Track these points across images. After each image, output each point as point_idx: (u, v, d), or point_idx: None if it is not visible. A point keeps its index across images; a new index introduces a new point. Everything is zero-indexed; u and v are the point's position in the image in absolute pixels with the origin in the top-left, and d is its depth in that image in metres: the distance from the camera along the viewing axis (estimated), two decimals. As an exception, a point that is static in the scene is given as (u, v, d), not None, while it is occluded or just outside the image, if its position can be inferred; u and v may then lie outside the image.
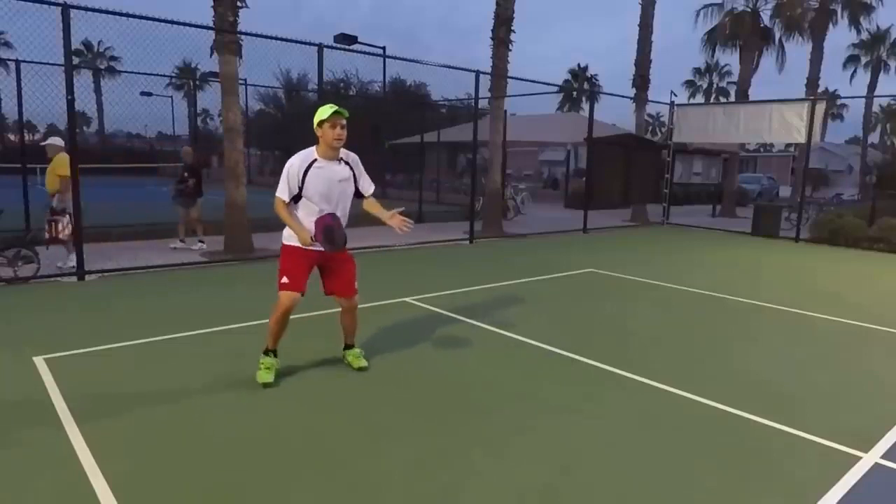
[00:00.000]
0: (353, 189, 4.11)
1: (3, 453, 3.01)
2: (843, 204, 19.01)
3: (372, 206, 4.32)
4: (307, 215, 3.93)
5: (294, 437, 3.30)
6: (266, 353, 4.09)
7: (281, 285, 3.95)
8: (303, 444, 3.22)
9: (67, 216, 7.14)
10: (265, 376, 3.97)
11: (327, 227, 3.85)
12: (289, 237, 4.00)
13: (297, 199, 3.92)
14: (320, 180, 3.88)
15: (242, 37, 9.00)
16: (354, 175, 4.09)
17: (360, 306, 4.61)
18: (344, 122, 3.83)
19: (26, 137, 13.00)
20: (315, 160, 3.87)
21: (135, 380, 4.03)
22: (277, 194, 3.89)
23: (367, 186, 4.24)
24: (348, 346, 4.53)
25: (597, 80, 44.80)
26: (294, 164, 3.85)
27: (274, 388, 3.96)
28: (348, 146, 4.06)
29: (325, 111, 3.79)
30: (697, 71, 45.17)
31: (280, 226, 4.04)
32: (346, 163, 4.03)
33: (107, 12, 6.93)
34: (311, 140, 3.98)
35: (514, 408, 3.78)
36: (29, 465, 2.92)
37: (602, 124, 20.17)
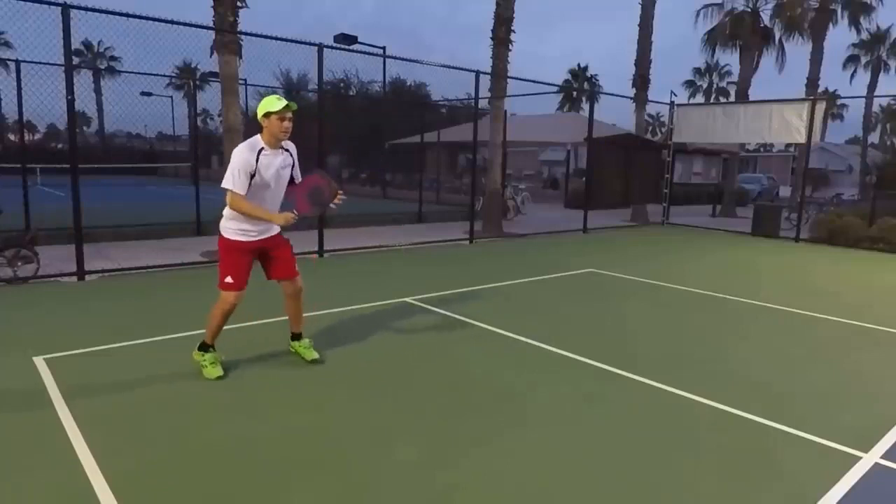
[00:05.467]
0: (289, 176, 4.14)
1: (2, 453, 3.01)
2: (843, 204, 18.99)
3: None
4: (259, 202, 3.93)
5: (294, 436, 3.30)
6: (204, 348, 4.12)
7: (225, 285, 3.98)
8: (303, 443, 3.22)
9: None
10: (214, 371, 4.01)
11: (316, 189, 3.93)
12: (230, 229, 3.98)
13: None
14: (269, 168, 3.92)
15: (242, 37, 9.00)
16: (294, 163, 4.15)
17: (359, 306, 4.62)
18: (291, 115, 3.89)
19: (26, 137, 12.97)
20: (262, 148, 3.89)
21: (135, 380, 4.03)
22: (233, 188, 3.81)
23: (298, 175, 4.23)
24: (295, 336, 4.52)
25: (597, 80, 44.79)
26: (244, 153, 3.83)
27: (274, 388, 3.96)
28: (348, 146, 4.09)
29: (274, 103, 3.82)
30: (697, 71, 45.20)
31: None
32: (286, 150, 4.07)
33: (107, 12, 6.93)
34: (310, 139, 4.00)
35: (514, 408, 3.78)
36: (29, 465, 2.92)
37: (602, 124, 20.16)
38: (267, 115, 3.85)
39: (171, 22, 7.56)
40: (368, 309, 6.11)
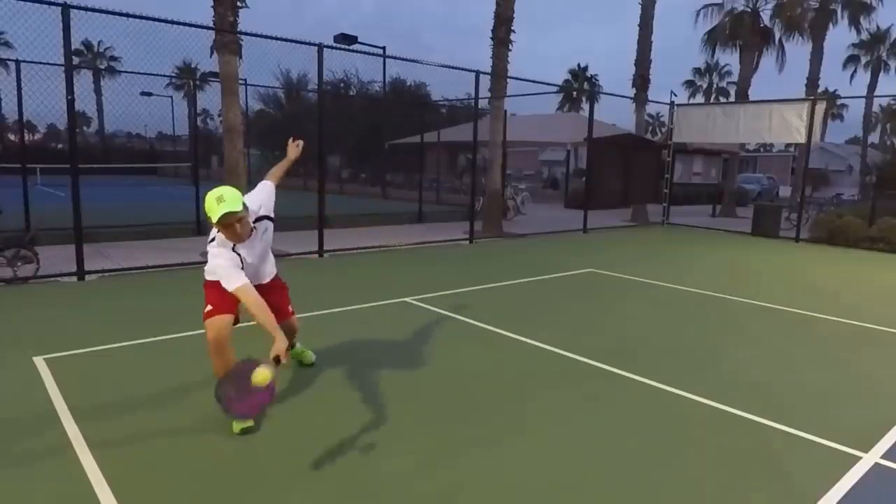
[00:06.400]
0: (271, 235, 3.71)
1: (3, 453, 3.01)
2: (843, 204, 18.99)
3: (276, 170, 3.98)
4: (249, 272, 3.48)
5: (294, 437, 3.30)
6: None
7: (205, 315, 3.45)
8: (303, 444, 3.22)
9: None
10: (241, 423, 3.30)
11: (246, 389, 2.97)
12: (212, 273, 3.45)
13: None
14: (249, 253, 3.45)
15: (242, 37, 8.99)
16: (271, 217, 3.66)
17: (359, 306, 4.61)
18: (239, 215, 3.20)
19: (26, 137, 12.97)
20: (233, 245, 3.36)
21: (135, 380, 4.03)
22: (241, 283, 3.26)
23: (271, 212, 3.72)
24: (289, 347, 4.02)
25: (597, 80, 44.80)
26: (224, 252, 3.32)
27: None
28: (349, 146, 3.98)
29: (212, 209, 3.16)
30: (697, 71, 45.18)
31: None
32: (261, 219, 3.56)
33: (107, 12, 6.93)
34: (311, 140, 3.93)
35: (514, 408, 3.78)
36: (29, 465, 2.92)
37: (602, 124, 20.17)
38: (216, 223, 3.23)
39: (171, 22, 7.56)
40: (368, 309, 6.11)
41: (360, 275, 8.18)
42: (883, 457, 3.24)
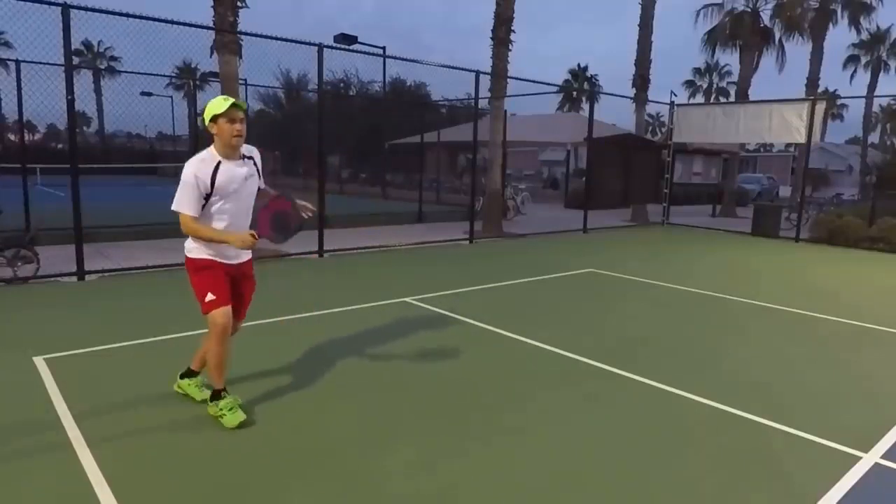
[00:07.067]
0: (256, 186, 3.55)
1: (2, 453, 3.01)
2: (843, 204, 19.00)
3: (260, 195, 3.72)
4: (220, 223, 3.35)
5: (295, 436, 3.30)
6: (217, 395, 3.47)
7: (207, 304, 3.36)
8: (303, 443, 3.22)
9: None
10: (235, 417, 3.36)
11: (281, 214, 3.39)
12: (195, 249, 3.41)
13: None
14: (231, 182, 3.32)
15: (242, 37, 8.99)
16: (258, 170, 3.55)
17: (359, 306, 4.61)
18: (242, 115, 3.29)
19: (26, 137, 12.97)
20: (219, 162, 3.29)
21: (135, 380, 4.03)
22: (183, 211, 3.23)
23: (262, 184, 3.65)
24: (191, 374, 3.79)
25: (597, 80, 44.81)
26: (193, 170, 3.23)
27: (275, 387, 3.96)
28: (349, 146, 3.97)
29: (219, 104, 3.24)
30: (697, 71, 45.19)
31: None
32: (249, 157, 3.48)
33: (107, 12, 6.93)
34: (311, 140, 3.92)
35: (514, 408, 3.78)
36: (29, 464, 2.92)
37: (602, 124, 20.16)
38: (214, 119, 3.25)
39: (171, 22, 7.56)
40: (368, 309, 6.11)
41: (360, 275, 8.18)
42: (883, 457, 3.24)
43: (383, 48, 21.95)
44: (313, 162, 11.74)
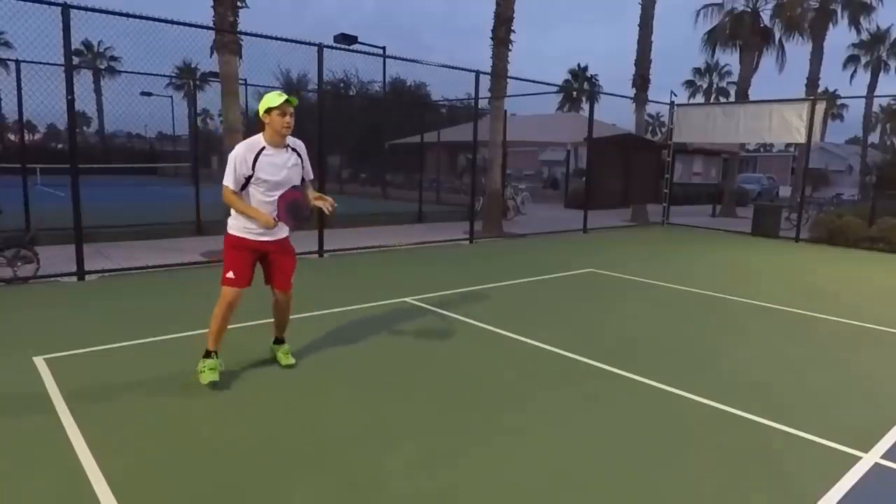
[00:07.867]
0: (300, 175, 4.10)
1: (3, 453, 3.01)
2: (843, 204, 18.99)
3: (304, 189, 4.26)
4: (257, 204, 3.92)
5: (295, 436, 3.30)
6: (208, 355, 4.00)
7: (226, 280, 3.94)
8: (303, 443, 3.22)
9: None
10: (209, 376, 3.87)
11: (293, 202, 3.91)
12: (235, 227, 3.98)
13: (243, 187, 3.90)
14: (271, 167, 3.87)
15: (242, 37, 8.99)
16: (302, 161, 4.10)
17: (359, 306, 4.62)
18: (292, 110, 3.84)
19: (26, 137, 12.97)
20: (263, 147, 3.86)
21: (135, 380, 4.03)
22: (225, 183, 3.87)
23: (310, 173, 4.24)
24: (278, 341, 4.47)
25: (597, 80, 44.80)
26: (241, 152, 3.83)
27: (274, 389, 3.96)
28: (349, 146, 4.09)
29: (274, 98, 3.78)
30: (697, 71, 45.20)
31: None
32: (294, 149, 4.02)
33: (107, 12, 6.92)
34: (310, 139, 3.99)
35: (514, 408, 3.78)
36: (29, 464, 2.92)
37: (602, 124, 20.16)
38: (268, 111, 3.80)
39: (171, 22, 7.56)
40: (368, 309, 6.11)
41: (360, 275, 8.18)
42: (883, 457, 3.24)
43: (383, 48, 21.97)
44: (313, 162, 11.74)
